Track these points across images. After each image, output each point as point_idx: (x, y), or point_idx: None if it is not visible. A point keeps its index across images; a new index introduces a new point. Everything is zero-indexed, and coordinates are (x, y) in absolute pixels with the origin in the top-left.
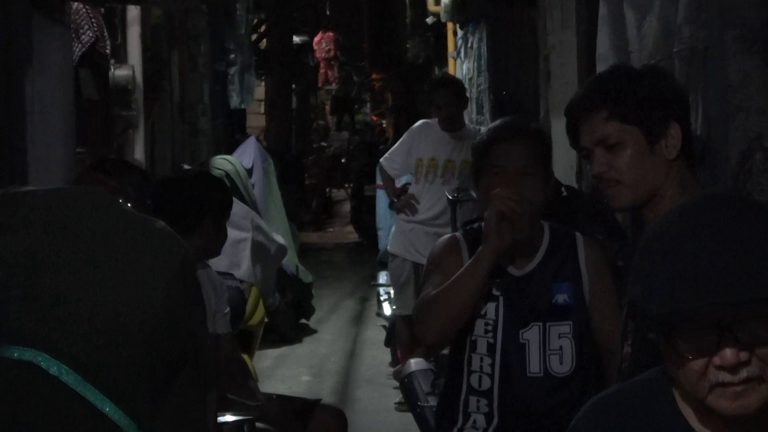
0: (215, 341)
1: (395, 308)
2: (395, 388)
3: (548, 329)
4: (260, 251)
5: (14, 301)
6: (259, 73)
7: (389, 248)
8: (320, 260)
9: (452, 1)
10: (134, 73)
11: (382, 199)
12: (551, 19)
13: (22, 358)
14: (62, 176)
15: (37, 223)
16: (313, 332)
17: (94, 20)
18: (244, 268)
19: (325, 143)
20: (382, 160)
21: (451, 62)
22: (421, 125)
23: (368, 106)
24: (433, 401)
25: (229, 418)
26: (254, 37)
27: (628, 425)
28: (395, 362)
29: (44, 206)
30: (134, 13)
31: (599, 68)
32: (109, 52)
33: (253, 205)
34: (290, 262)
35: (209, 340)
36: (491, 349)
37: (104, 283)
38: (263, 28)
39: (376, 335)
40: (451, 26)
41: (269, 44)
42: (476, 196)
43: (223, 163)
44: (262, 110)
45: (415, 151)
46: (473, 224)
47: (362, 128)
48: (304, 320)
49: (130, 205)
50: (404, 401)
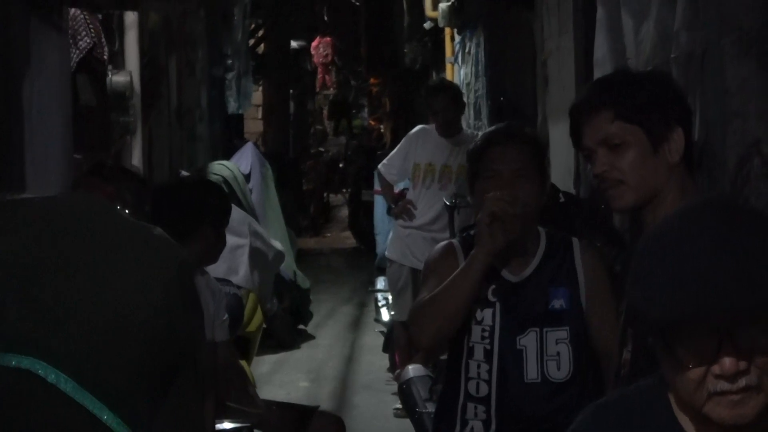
0: (213, 348)
1: (393, 314)
2: (393, 393)
3: (545, 335)
4: (258, 257)
5: (11, 307)
6: (256, 78)
7: (387, 254)
8: (318, 265)
9: (449, 6)
10: (132, 78)
11: (379, 204)
12: (549, 24)
13: (20, 365)
14: (60, 181)
15: (33, 230)
16: (310, 338)
17: (91, 26)
18: (241, 274)
19: (322, 148)
20: (380, 166)
21: (448, 67)
22: (418, 131)
23: (366, 110)
24: (431, 407)
25: (227, 425)
26: (252, 42)
27: None
28: (393, 368)
29: (41, 213)
30: (131, 18)
31: (597, 73)
32: (106, 57)
33: (251, 210)
34: (288, 267)
35: (207, 346)
36: (488, 355)
37: (101, 290)
38: (261, 32)
39: (373, 341)
40: (448, 31)
41: (266, 49)
42: (472, 201)
43: (220, 168)
44: (259, 115)
45: (412, 156)
46: (470, 230)
47: (360, 133)
48: (302, 326)
49: (127, 210)
50: (402, 407)
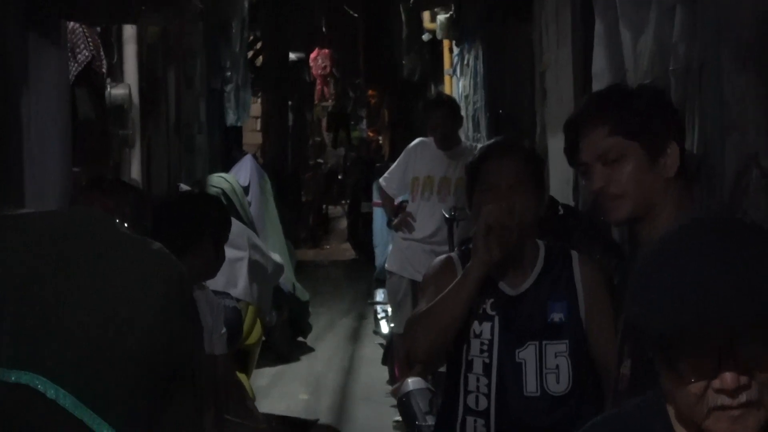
0: (212, 361)
1: (392, 326)
2: (393, 406)
3: (544, 348)
4: (257, 270)
5: (10, 323)
6: (255, 90)
7: (387, 266)
8: (317, 277)
9: (447, 18)
10: (130, 91)
11: (378, 216)
12: (547, 36)
13: (19, 381)
14: (59, 195)
15: (32, 244)
16: (310, 350)
17: (90, 39)
18: (240, 287)
19: (321, 159)
20: (380, 180)
21: (447, 79)
22: (416, 144)
23: (364, 122)
24: (431, 420)
25: None
26: (250, 54)
27: None
28: (393, 380)
29: (41, 228)
30: (130, 32)
31: (595, 86)
32: (105, 71)
33: (250, 223)
34: (287, 280)
35: (205, 360)
36: (487, 369)
37: (101, 304)
38: (259, 44)
39: (373, 353)
40: (446, 43)
41: (265, 61)
42: (470, 213)
43: (219, 181)
44: (258, 127)
45: (411, 169)
46: (469, 243)
47: (358, 144)
48: (301, 338)
49: (126, 224)
50: (402, 420)
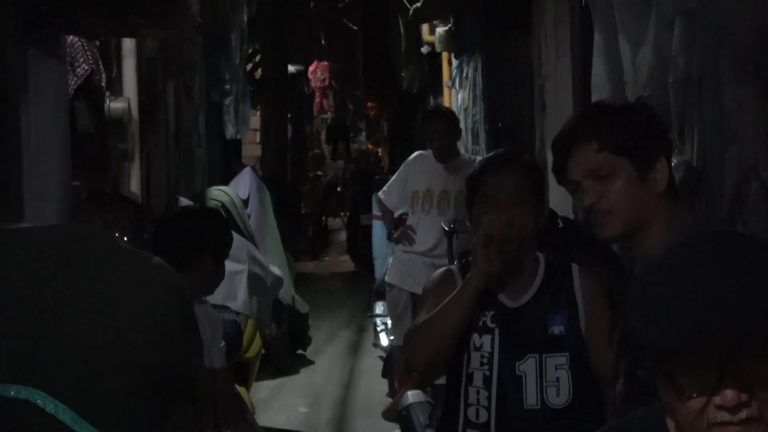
0: (211, 376)
1: (392, 339)
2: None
3: (544, 361)
4: (256, 283)
5: (8, 337)
6: (254, 102)
7: (387, 278)
8: (316, 289)
9: (446, 31)
10: (129, 105)
11: (378, 228)
12: (546, 48)
13: (18, 396)
14: (58, 209)
15: (31, 259)
16: (309, 363)
17: (89, 53)
18: (240, 300)
19: (320, 172)
20: (380, 193)
21: (446, 91)
22: (415, 157)
23: (363, 134)
24: None
25: None
26: (249, 66)
27: None
28: (392, 393)
29: (39, 243)
30: (129, 45)
31: (594, 98)
32: (104, 84)
33: (249, 236)
34: (286, 292)
35: (205, 374)
36: (487, 381)
37: (99, 318)
38: (258, 57)
39: (372, 365)
40: (445, 56)
41: (264, 73)
42: (470, 226)
43: (218, 194)
44: (257, 139)
45: (410, 183)
46: (469, 256)
47: (358, 156)
48: (300, 351)
49: (126, 238)
50: None
